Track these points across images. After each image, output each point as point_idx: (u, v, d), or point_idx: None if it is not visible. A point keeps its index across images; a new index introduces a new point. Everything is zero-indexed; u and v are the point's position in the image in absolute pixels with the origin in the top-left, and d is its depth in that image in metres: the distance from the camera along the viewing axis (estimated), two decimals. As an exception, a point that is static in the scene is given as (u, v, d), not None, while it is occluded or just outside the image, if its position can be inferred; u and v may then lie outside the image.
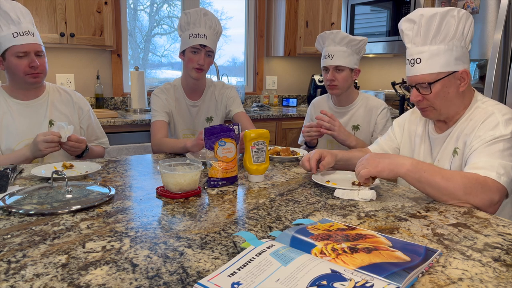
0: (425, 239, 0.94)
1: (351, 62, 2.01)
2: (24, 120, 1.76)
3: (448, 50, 1.30)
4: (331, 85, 2.03)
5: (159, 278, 0.75)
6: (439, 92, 1.32)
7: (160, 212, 1.10)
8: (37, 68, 1.70)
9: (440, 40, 1.30)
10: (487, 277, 0.77)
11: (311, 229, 0.92)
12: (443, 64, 1.30)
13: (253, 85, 4.10)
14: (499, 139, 1.24)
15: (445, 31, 1.29)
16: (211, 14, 1.99)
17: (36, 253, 0.84)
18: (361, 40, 1.99)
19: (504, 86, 2.28)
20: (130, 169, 1.57)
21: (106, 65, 3.35)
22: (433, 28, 1.29)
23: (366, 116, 2.08)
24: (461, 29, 1.30)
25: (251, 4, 3.97)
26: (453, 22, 1.29)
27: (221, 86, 2.19)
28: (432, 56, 1.30)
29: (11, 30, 1.64)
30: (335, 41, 1.99)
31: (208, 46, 1.96)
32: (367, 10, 3.34)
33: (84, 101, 1.97)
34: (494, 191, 1.17)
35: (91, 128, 1.96)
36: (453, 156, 1.37)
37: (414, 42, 1.34)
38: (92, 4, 2.90)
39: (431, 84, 1.31)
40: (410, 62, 1.35)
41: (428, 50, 1.30)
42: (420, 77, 1.32)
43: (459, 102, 1.37)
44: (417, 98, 1.36)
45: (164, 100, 2.07)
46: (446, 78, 1.31)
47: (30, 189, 1.22)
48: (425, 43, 1.31)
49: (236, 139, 1.37)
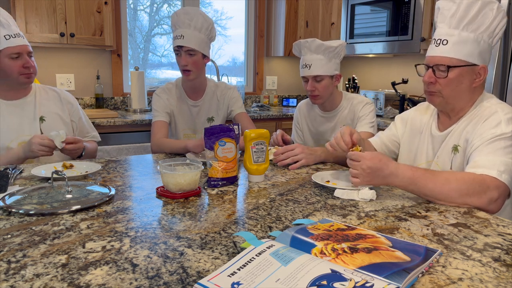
0: (425, 239, 0.94)
1: (330, 69, 1.94)
2: (15, 119, 1.79)
3: (476, 41, 1.30)
4: (312, 96, 1.98)
5: (159, 278, 0.75)
6: (453, 80, 1.32)
7: (160, 212, 1.10)
8: (30, 68, 1.75)
9: (473, 29, 1.30)
10: (487, 277, 0.77)
11: (311, 229, 0.92)
12: (468, 53, 1.30)
13: (253, 85, 4.10)
14: (500, 137, 1.24)
15: (480, 21, 1.29)
16: (194, 11, 1.93)
17: (36, 253, 0.84)
18: (338, 46, 1.93)
19: (504, 86, 2.28)
20: (130, 169, 1.57)
21: (106, 65, 3.35)
22: (471, 14, 1.29)
23: (350, 114, 2.04)
24: (495, 25, 1.30)
25: (251, 4, 3.98)
26: (491, 15, 1.29)
27: (223, 86, 2.19)
28: (460, 42, 1.30)
29: (2, 32, 1.68)
30: (311, 50, 1.93)
31: (185, 46, 1.91)
32: (367, 10, 3.34)
33: (72, 97, 2.00)
34: (492, 188, 1.16)
35: (82, 122, 1.99)
36: (454, 154, 1.37)
37: (447, 22, 1.33)
38: (92, 4, 2.90)
39: (449, 68, 1.31)
40: (435, 42, 1.34)
41: (459, 34, 1.30)
42: (442, 58, 1.32)
43: (468, 97, 1.36)
44: (431, 79, 1.35)
45: (165, 100, 2.06)
46: (465, 67, 1.31)
47: (30, 189, 1.22)
48: (458, 27, 1.31)
49: (236, 139, 1.37)
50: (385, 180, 1.23)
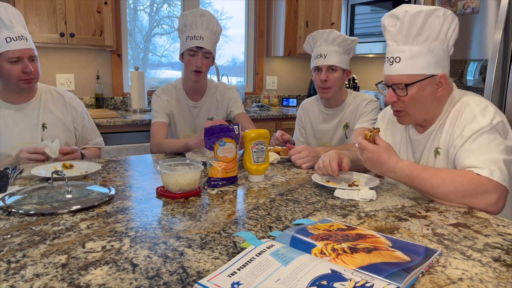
0: (425, 239, 0.94)
1: (344, 62, 1.96)
2: (17, 125, 1.75)
3: (429, 52, 1.26)
4: (323, 87, 1.97)
5: (159, 278, 0.75)
6: (415, 96, 1.29)
7: (160, 212, 1.10)
8: (30, 73, 1.69)
9: (422, 40, 1.26)
10: (487, 277, 0.77)
11: (311, 229, 0.92)
12: (423, 66, 1.26)
13: (253, 85, 4.10)
14: (480, 132, 1.22)
15: (428, 31, 1.26)
16: (209, 14, 1.97)
17: (36, 253, 0.84)
18: (353, 40, 1.96)
19: (504, 86, 2.28)
20: (130, 169, 1.57)
21: (106, 65, 3.35)
22: (416, 26, 1.25)
23: (354, 112, 2.04)
24: (445, 30, 1.26)
25: (251, 4, 3.97)
26: (438, 22, 1.25)
27: (222, 87, 2.19)
28: (412, 57, 1.26)
29: (4, 35, 1.62)
30: (327, 41, 1.94)
31: (205, 48, 1.94)
32: (367, 10, 3.34)
33: (78, 101, 1.95)
34: (491, 190, 1.14)
35: (85, 129, 1.95)
36: (436, 157, 1.35)
37: (395, 39, 1.30)
38: (92, 4, 2.90)
39: (407, 86, 1.28)
40: (389, 60, 1.31)
41: (409, 49, 1.27)
42: (398, 77, 1.29)
43: (435, 107, 1.33)
44: (392, 99, 1.32)
45: (165, 101, 2.06)
46: (424, 81, 1.27)
47: (30, 189, 1.22)
48: (407, 42, 1.27)
49: (236, 139, 1.37)
50: (384, 174, 1.26)
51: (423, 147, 1.40)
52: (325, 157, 1.41)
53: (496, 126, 1.22)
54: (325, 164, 1.39)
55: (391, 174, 1.23)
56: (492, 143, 1.20)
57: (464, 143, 1.24)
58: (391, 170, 1.22)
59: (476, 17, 2.39)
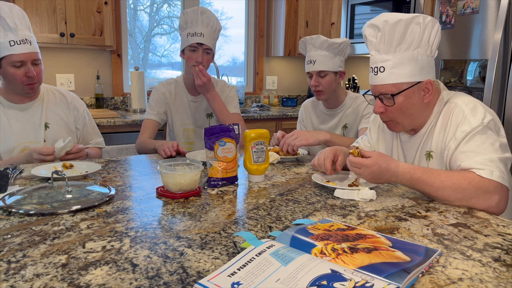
0: (425, 239, 0.94)
1: (334, 65, 1.97)
2: (20, 124, 1.76)
3: (413, 59, 1.25)
4: (316, 91, 2.01)
5: (159, 278, 0.75)
6: (402, 104, 1.28)
7: (160, 212, 1.10)
8: (33, 78, 1.69)
9: (405, 48, 1.25)
10: (487, 277, 0.77)
11: (311, 229, 0.92)
12: (408, 74, 1.26)
13: (253, 85, 4.10)
14: (473, 133, 1.21)
15: (410, 39, 1.25)
16: (209, 12, 2.01)
17: (36, 253, 0.84)
18: (342, 42, 1.96)
19: (504, 86, 2.28)
20: (130, 169, 1.57)
21: (106, 65, 3.35)
22: (397, 35, 1.25)
23: (354, 113, 2.06)
24: (427, 36, 1.25)
25: (251, 4, 3.97)
26: (418, 29, 1.24)
27: (222, 84, 2.21)
28: (396, 66, 1.26)
29: (8, 38, 1.61)
30: (315, 46, 1.97)
31: (205, 44, 1.98)
32: (367, 10, 3.34)
33: (79, 102, 1.96)
34: (492, 191, 1.14)
35: (86, 129, 1.96)
36: (428, 161, 1.34)
37: (377, 49, 1.29)
38: (92, 4, 2.90)
39: (394, 96, 1.27)
40: (373, 70, 1.30)
41: (392, 58, 1.26)
42: (384, 87, 1.28)
43: (424, 112, 1.33)
44: (380, 109, 1.32)
45: (161, 94, 2.12)
46: (410, 89, 1.26)
47: (30, 189, 1.22)
48: (389, 51, 1.27)
49: (236, 139, 1.37)
50: (388, 181, 1.26)
51: (415, 150, 1.40)
52: (320, 154, 1.44)
53: (488, 125, 1.22)
54: (320, 162, 1.42)
55: (394, 179, 1.24)
56: (486, 142, 1.20)
57: (458, 145, 1.23)
58: (394, 175, 1.22)
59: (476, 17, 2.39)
